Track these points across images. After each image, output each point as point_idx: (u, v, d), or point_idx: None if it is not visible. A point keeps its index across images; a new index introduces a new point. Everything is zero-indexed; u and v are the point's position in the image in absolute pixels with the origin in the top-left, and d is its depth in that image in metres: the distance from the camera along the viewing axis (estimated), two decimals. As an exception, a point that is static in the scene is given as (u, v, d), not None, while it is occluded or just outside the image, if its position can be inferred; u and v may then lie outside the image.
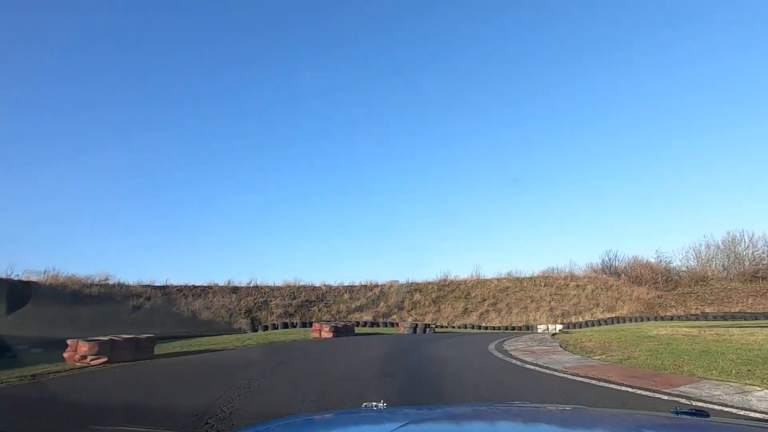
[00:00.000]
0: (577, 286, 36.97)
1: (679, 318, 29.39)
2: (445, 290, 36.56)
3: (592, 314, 32.38)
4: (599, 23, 70.56)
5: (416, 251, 73.53)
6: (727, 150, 64.55)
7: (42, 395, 6.75)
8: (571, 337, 13.32)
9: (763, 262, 36.24)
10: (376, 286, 36.04)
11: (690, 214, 62.42)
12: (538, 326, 21.94)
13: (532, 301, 34.44)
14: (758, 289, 29.75)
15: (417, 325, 21.02)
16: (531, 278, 39.04)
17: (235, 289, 31.11)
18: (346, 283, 36.17)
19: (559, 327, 22.07)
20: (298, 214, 67.98)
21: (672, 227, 64.03)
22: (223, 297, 29.66)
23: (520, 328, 29.98)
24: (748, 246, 37.24)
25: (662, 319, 30.10)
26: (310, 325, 19.89)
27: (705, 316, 28.16)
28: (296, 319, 29.10)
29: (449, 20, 70.45)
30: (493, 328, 30.23)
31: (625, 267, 41.06)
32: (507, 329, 29.60)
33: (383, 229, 75.97)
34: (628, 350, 9.72)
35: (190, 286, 29.58)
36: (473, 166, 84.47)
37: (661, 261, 40.04)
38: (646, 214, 67.76)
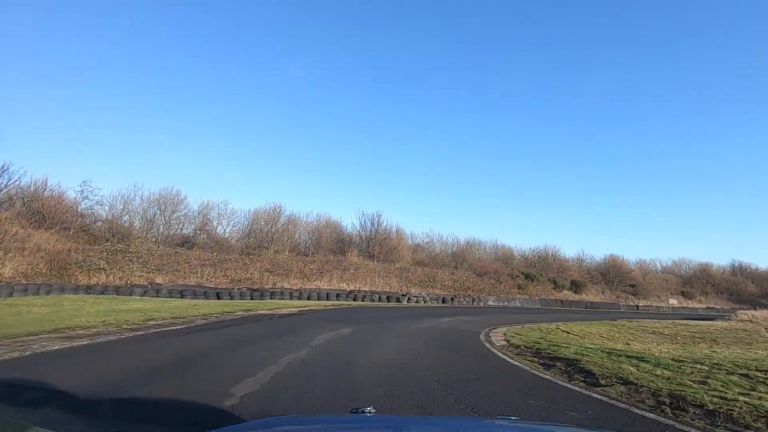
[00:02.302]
0: None
1: (117, 290, 17.94)
2: None
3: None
4: None
5: None
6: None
7: None
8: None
9: (194, 229, 32.46)
10: None
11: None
12: None
13: None
14: (207, 258, 24.30)
15: None
16: None
17: None
18: None
19: None
20: None
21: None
22: None
23: None
24: (183, 209, 32.29)
25: (90, 291, 17.32)
26: None
27: (158, 289, 18.60)
28: None
29: None
30: None
31: (18, 193, 23.41)
32: None
33: None
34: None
35: None
36: None
37: (82, 199, 26.44)
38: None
